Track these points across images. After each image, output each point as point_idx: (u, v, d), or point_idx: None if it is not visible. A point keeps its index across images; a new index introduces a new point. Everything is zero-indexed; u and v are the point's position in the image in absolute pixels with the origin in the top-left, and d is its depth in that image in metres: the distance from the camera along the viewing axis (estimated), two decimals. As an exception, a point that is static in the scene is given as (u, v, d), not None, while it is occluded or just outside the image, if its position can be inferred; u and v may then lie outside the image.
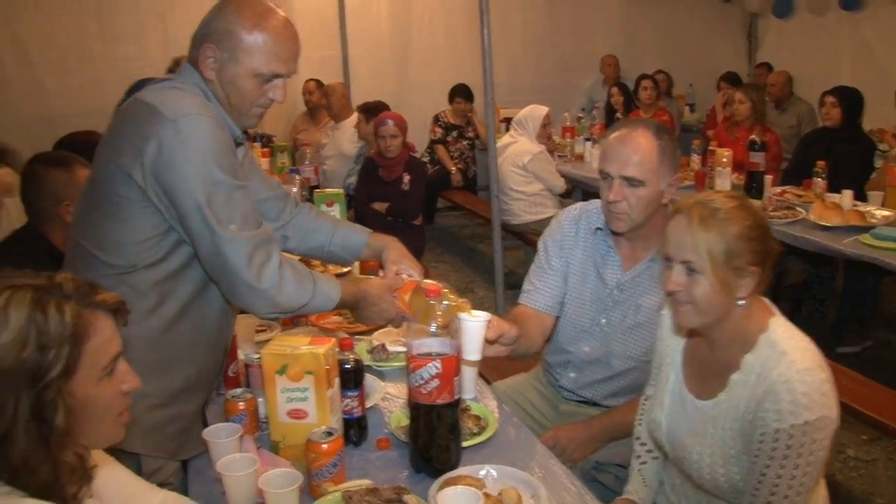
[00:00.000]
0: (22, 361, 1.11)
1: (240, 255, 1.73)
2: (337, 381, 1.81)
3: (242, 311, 2.06)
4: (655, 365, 2.02)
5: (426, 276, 2.25)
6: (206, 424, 1.90)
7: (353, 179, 5.77)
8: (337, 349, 1.83)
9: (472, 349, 1.93)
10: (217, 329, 1.95)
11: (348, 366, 1.86)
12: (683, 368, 1.90)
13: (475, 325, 1.93)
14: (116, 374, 1.25)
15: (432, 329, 1.74)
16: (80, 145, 3.38)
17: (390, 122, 4.86)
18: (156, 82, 1.87)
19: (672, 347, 1.94)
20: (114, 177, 1.74)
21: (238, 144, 1.92)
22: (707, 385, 1.81)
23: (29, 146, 6.01)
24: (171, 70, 5.38)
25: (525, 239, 5.48)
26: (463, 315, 1.91)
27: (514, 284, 5.51)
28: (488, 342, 1.99)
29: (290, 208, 2.25)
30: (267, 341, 2.40)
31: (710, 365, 1.81)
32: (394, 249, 2.25)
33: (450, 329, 1.75)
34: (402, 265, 2.19)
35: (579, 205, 2.52)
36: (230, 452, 1.70)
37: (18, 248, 2.62)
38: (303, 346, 1.76)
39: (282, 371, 1.74)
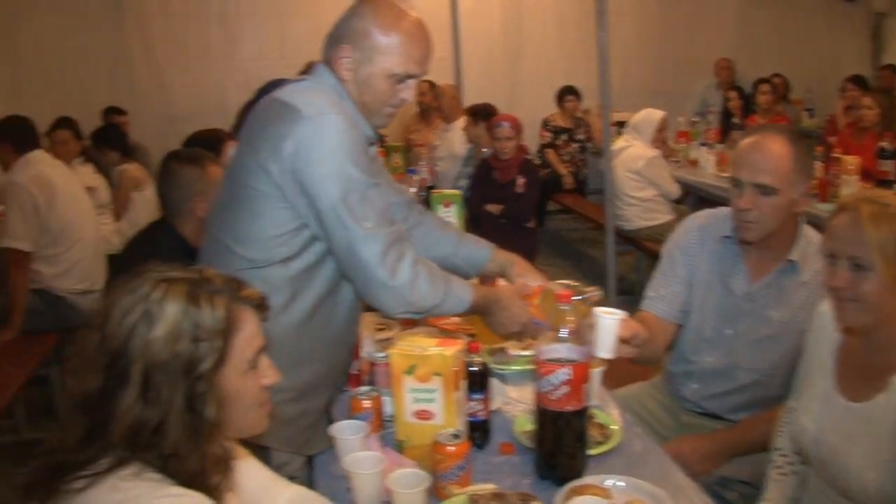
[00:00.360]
0: (177, 354, 1.14)
1: (374, 252, 1.74)
2: (464, 383, 1.80)
3: (368, 310, 2.08)
4: (802, 370, 1.93)
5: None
6: (331, 421, 1.92)
7: (462, 181, 5.77)
8: (464, 351, 1.82)
9: (606, 346, 1.88)
10: (346, 326, 1.98)
11: (475, 368, 1.85)
12: (836, 370, 1.82)
13: (611, 321, 1.88)
14: (260, 367, 1.27)
15: (562, 334, 1.71)
16: (206, 142, 3.49)
17: (506, 124, 4.84)
18: (291, 82, 1.91)
19: (824, 348, 1.86)
20: (251, 172, 1.78)
21: (370, 144, 1.94)
22: (863, 387, 1.73)
23: (155, 143, 6.33)
24: (303, 72, 5.53)
25: (637, 244, 5.38)
26: (599, 310, 1.87)
27: (626, 290, 5.48)
28: (622, 341, 1.95)
29: (415, 215, 2.26)
30: (387, 340, 2.42)
31: (868, 366, 1.73)
32: (520, 265, 2.24)
33: (580, 333, 1.72)
34: (527, 280, 2.18)
35: (706, 211, 2.45)
36: (356, 450, 1.71)
37: (154, 240, 2.70)
38: (431, 347, 1.75)
39: (410, 371, 1.74)
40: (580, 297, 1.91)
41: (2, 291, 4.05)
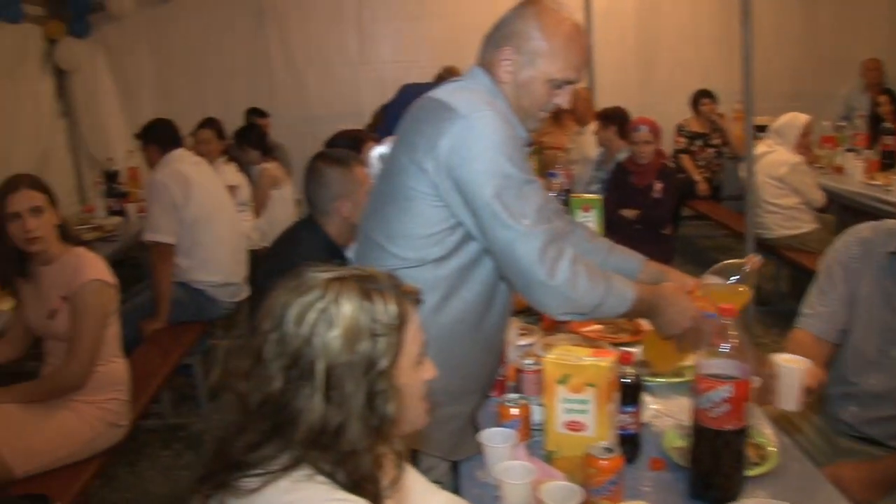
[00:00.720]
0: (357, 351, 1.14)
1: (532, 250, 1.69)
2: (616, 395, 1.76)
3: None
4: None
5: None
6: (476, 427, 1.91)
7: (594, 186, 5.68)
8: (618, 363, 1.78)
9: (791, 398, 1.78)
10: (496, 331, 1.96)
11: (627, 380, 1.80)
12: None
13: (796, 370, 1.79)
14: (424, 363, 1.28)
15: (724, 349, 1.64)
16: (347, 142, 3.57)
17: (644, 128, 4.74)
18: (447, 83, 1.92)
19: None
20: (406, 171, 1.79)
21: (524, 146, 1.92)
22: None
23: (293, 142, 6.54)
24: (440, 77, 5.61)
25: (778, 253, 5.15)
26: (781, 358, 1.79)
27: (765, 301, 5.27)
28: (806, 390, 1.85)
29: (565, 223, 2.22)
30: (528, 345, 2.40)
31: None
32: (673, 275, 2.18)
33: (742, 352, 1.65)
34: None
35: (869, 224, 2.31)
36: (504, 458, 1.70)
37: (300, 238, 2.77)
38: (586, 357, 1.72)
39: (563, 381, 1.71)
40: (738, 277, 1.82)
41: (149, 284, 4.26)
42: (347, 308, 1.15)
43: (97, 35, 6.67)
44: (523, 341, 2.45)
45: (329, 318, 1.15)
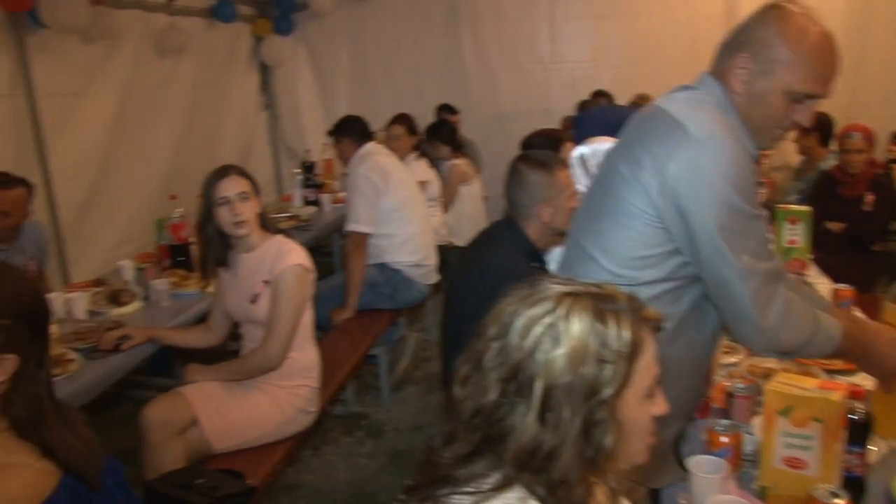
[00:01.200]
0: (580, 375, 1.07)
1: (748, 289, 1.62)
2: (844, 433, 1.62)
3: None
4: None
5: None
6: (678, 453, 1.82)
7: (793, 196, 5.34)
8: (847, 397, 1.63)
9: None
10: (705, 353, 1.86)
11: (856, 417, 1.64)
12: None
13: None
14: (656, 396, 1.18)
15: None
16: (544, 142, 3.53)
17: (857, 135, 4.39)
18: (677, 92, 1.81)
19: None
20: (627, 184, 1.71)
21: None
22: None
23: (482, 138, 6.58)
24: (634, 104, 5.48)
25: None
26: None
27: None
28: None
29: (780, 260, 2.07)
30: (734, 364, 2.27)
31: None
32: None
33: None
34: None
35: None
36: (714, 490, 1.59)
37: (499, 237, 2.75)
38: (813, 388, 1.59)
39: (785, 413, 1.58)
40: None
41: (344, 272, 4.42)
42: (577, 327, 1.08)
43: (299, 32, 6.98)
44: (728, 360, 2.33)
45: (556, 334, 1.09)
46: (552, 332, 1.09)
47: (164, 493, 2.30)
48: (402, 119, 5.46)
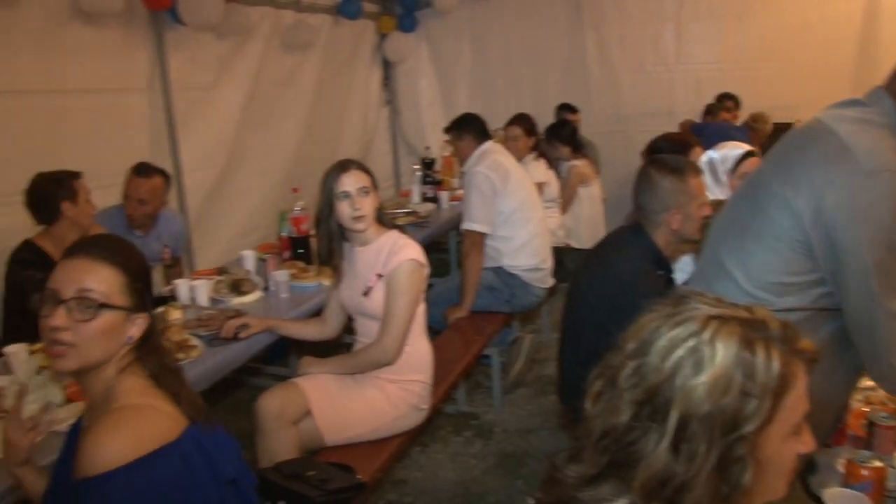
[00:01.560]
0: (721, 407, 0.98)
1: (891, 333, 1.52)
2: None
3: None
4: None
5: None
6: (805, 484, 1.70)
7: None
8: None
9: None
10: (843, 389, 1.75)
11: None
12: None
13: None
14: (802, 434, 1.08)
15: None
16: (670, 145, 3.41)
17: None
18: (843, 107, 1.67)
19: None
20: (777, 203, 1.62)
21: None
22: None
23: (602, 139, 6.45)
24: (748, 126, 5.22)
25: None
26: None
27: None
28: None
29: None
30: (872, 389, 2.13)
31: None
32: None
33: None
34: None
35: None
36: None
37: (626, 242, 2.68)
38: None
39: (938, 448, 1.46)
40: None
41: (461, 271, 4.40)
42: (721, 354, 1.00)
43: (422, 30, 7.03)
44: (866, 383, 2.18)
45: (699, 360, 1.00)
46: (694, 357, 1.01)
47: (274, 482, 2.33)
48: (521, 120, 5.39)
